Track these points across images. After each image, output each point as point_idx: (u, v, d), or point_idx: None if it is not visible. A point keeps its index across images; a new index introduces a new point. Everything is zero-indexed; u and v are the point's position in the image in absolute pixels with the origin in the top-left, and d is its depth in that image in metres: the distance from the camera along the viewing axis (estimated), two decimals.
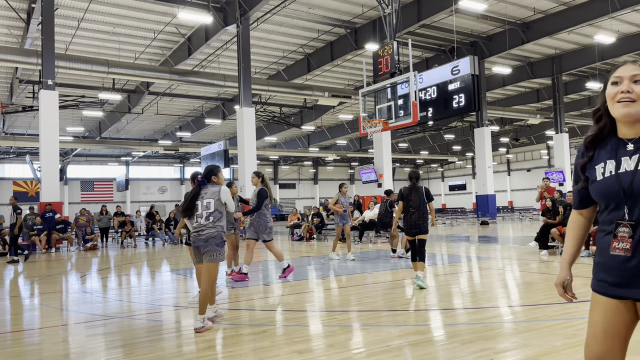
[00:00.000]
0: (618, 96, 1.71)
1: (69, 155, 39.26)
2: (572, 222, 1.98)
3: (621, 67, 1.77)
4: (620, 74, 1.73)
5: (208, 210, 4.95)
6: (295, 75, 24.33)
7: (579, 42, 23.05)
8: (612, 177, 1.71)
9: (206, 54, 21.89)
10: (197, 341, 4.46)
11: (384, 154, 21.86)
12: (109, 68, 18.77)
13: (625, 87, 1.69)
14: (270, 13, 18.14)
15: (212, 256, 4.89)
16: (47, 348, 4.39)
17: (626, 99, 1.69)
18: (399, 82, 11.95)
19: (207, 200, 4.97)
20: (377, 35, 19.21)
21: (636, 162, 1.68)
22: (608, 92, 1.75)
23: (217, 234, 4.90)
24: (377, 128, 12.44)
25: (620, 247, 1.70)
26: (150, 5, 17.56)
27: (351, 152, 44.81)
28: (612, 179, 1.71)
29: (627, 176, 1.68)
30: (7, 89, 25.78)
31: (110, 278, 9.23)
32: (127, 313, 5.88)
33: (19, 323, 5.57)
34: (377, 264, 9.78)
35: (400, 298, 6.30)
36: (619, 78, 1.72)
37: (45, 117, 15.82)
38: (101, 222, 18.49)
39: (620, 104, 1.70)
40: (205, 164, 24.47)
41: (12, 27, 18.81)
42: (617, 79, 1.73)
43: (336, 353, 3.87)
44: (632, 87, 1.69)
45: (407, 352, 3.87)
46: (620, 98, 1.70)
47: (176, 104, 30.53)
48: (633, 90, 1.68)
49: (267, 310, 5.72)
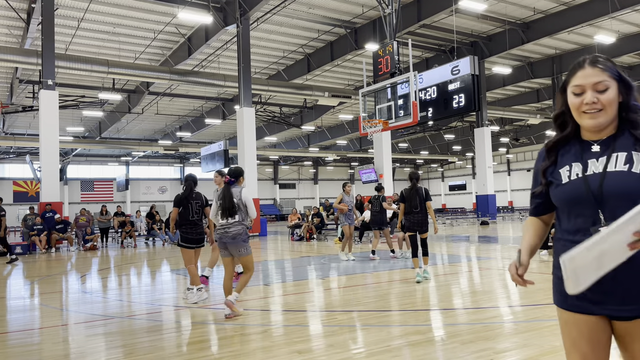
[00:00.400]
0: (583, 107, 1.58)
1: (69, 155, 39.26)
2: (530, 224, 1.80)
3: (580, 72, 1.60)
4: (582, 82, 1.58)
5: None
6: (295, 75, 24.33)
7: (579, 42, 23.05)
8: (579, 179, 1.59)
9: (206, 54, 21.89)
10: (197, 341, 4.46)
11: (384, 154, 21.86)
12: (109, 68, 18.77)
13: (589, 98, 1.56)
14: (270, 13, 18.14)
15: (241, 251, 5.31)
16: (47, 348, 4.39)
17: (593, 110, 1.57)
18: (399, 82, 11.95)
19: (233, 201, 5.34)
20: (377, 35, 19.21)
21: (604, 164, 1.57)
22: (572, 103, 1.62)
23: (242, 231, 5.31)
24: (377, 128, 12.44)
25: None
26: (150, 5, 17.56)
27: (351, 152, 44.81)
28: (579, 182, 1.59)
29: (596, 179, 1.56)
30: (7, 89, 25.78)
31: (110, 278, 9.22)
32: (127, 313, 5.87)
33: (19, 323, 5.57)
34: (377, 264, 9.78)
35: (400, 298, 6.30)
36: (581, 88, 1.58)
37: (45, 117, 15.82)
38: (102, 223, 18.50)
39: (588, 115, 1.58)
40: (205, 164, 24.48)
41: (12, 27, 18.81)
42: (578, 89, 1.59)
43: (336, 353, 3.87)
44: (597, 96, 1.56)
45: (407, 352, 3.87)
46: (586, 110, 1.58)
47: (176, 104, 30.53)
48: (599, 100, 1.56)
49: (267, 310, 5.71)
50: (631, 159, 1.54)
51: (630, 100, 1.60)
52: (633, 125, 1.59)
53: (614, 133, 1.61)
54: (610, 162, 1.57)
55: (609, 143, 1.61)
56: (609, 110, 1.57)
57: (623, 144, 1.58)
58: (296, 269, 9.72)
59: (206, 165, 24.36)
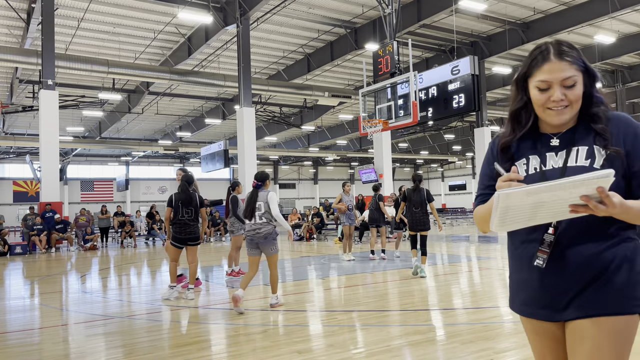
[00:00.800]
0: (550, 104, 1.45)
1: (69, 155, 39.24)
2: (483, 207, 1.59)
3: (546, 65, 1.45)
4: (548, 77, 1.44)
5: (260, 212, 5.77)
6: (295, 75, 24.32)
7: (579, 42, 23.05)
8: (537, 174, 1.49)
9: (206, 53, 21.88)
10: (197, 341, 4.46)
11: (384, 154, 21.85)
12: (109, 68, 18.76)
13: (558, 96, 1.43)
14: (270, 13, 18.14)
15: (272, 249, 5.78)
16: (47, 348, 4.39)
17: (559, 107, 1.45)
18: (399, 82, 11.95)
19: (259, 203, 5.79)
20: (377, 35, 19.20)
21: (564, 159, 1.48)
22: (536, 99, 1.47)
23: (272, 230, 5.79)
24: (377, 128, 12.44)
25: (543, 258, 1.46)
26: (150, 5, 17.56)
27: (351, 152, 44.78)
28: (537, 177, 1.48)
29: (555, 174, 1.46)
30: (7, 89, 25.77)
31: (110, 278, 9.22)
32: (127, 313, 5.87)
33: (19, 323, 5.57)
34: (377, 264, 9.78)
35: (400, 298, 6.30)
36: (547, 84, 1.44)
37: (45, 117, 15.82)
38: (102, 222, 18.51)
39: (554, 112, 1.46)
40: (205, 164, 24.47)
41: (12, 27, 18.80)
42: (544, 84, 1.45)
43: (336, 353, 3.87)
44: (565, 92, 1.43)
45: (407, 352, 3.87)
46: (552, 106, 1.45)
47: (176, 103, 30.51)
48: (566, 97, 1.44)
49: (267, 310, 5.71)
50: (592, 153, 1.45)
51: (593, 92, 1.49)
52: (594, 118, 1.49)
53: (574, 126, 1.51)
54: (570, 157, 1.47)
55: (569, 136, 1.51)
56: (575, 106, 1.47)
57: (583, 138, 1.48)
58: (296, 269, 9.72)
59: (206, 165, 24.34)
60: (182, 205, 6.49)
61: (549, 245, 1.45)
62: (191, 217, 6.50)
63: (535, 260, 1.48)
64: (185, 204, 6.50)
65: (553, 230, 1.45)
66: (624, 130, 1.47)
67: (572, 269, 1.43)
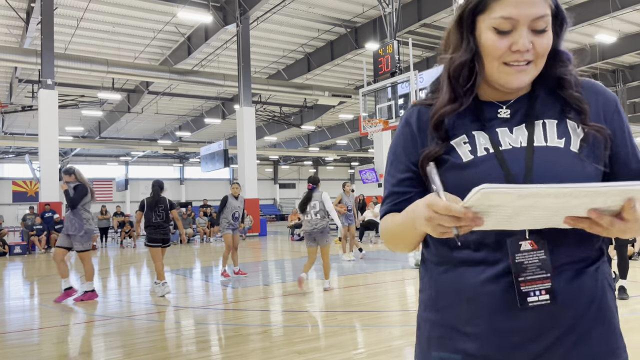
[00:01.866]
0: (509, 56, 0.97)
1: (68, 155, 39.22)
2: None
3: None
4: (513, 13, 0.95)
5: (315, 210, 6.72)
6: (295, 75, 24.29)
7: (580, 42, 23.03)
8: (490, 156, 0.99)
9: (206, 53, 21.86)
10: (197, 341, 4.43)
11: (384, 154, 21.83)
12: (108, 67, 18.74)
13: (524, 43, 0.95)
14: (270, 12, 18.11)
15: (326, 241, 6.73)
16: (47, 348, 4.37)
17: (522, 61, 0.97)
18: (399, 82, 11.92)
19: (314, 202, 6.74)
20: (378, 35, 19.18)
21: (527, 136, 1.00)
22: (493, 46, 0.97)
23: (326, 225, 6.75)
24: (378, 127, 12.42)
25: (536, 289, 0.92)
26: (150, 5, 17.53)
27: (351, 151, 44.77)
28: (491, 162, 0.98)
29: (518, 157, 0.97)
30: (7, 89, 25.74)
31: (110, 278, 9.20)
32: (126, 313, 5.85)
33: (18, 323, 5.54)
34: (377, 264, 9.76)
35: (400, 298, 6.28)
36: (511, 23, 0.95)
37: (45, 116, 15.79)
38: (101, 222, 18.48)
39: (513, 69, 0.97)
40: (205, 163, 24.45)
41: (11, 27, 18.77)
42: (507, 23, 0.96)
43: (336, 353, 3.84)
44: (532, 40, 0.96)
45: (407, 353, 3.85)
46: (512, 60, 0.97)
47: (176, 103, 30.49)
48: (533, 46, 0.96)
49: (266, 310, 5.69)
50: (566, 130, 1.00)
51: (558, 45, 1.05)
52: (561, 82, 1.04)
53: (529, 92, 1.05)
54: (536, 134, 1.00)
55: (524, 106, 1.04)
56: (540, 63, 1.00)
57: (548, 109, 1.03)
58: (296, 269, 9.70)
59: (206, 165, 24.32)
60: (159, 209, 7.07)
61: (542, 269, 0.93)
62: (163, 219, 7.08)
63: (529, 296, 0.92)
64: (156, 207, 7.08)
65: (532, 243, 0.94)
66: (603, 103, 1.04)
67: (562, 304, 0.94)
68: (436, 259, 1.05)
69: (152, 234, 7.01)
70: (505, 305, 0.94)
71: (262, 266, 10.04)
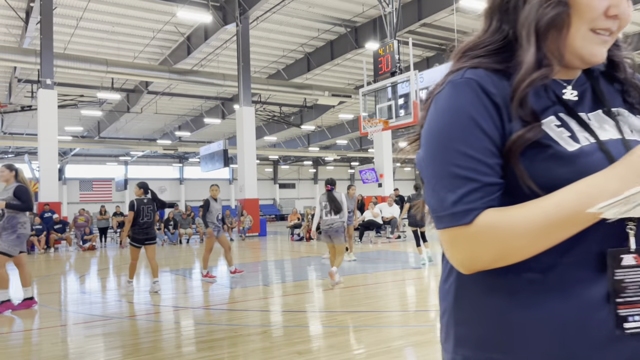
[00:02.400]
0: (603, 23, 0.80)
1: (67, 155, 39.19)
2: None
3: None
4: None
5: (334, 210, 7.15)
6: (295, 75, 24.28)
7: None
8: (594, 148, 0.78)
9: (205, 53, 21.84)
10: (197, 342, 4.42)
11: (384, 154, 21.81)
12: (107, 67, 18.72)
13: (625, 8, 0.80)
14: (269, 12, 18.10)
15: (341, 239, 7.13)
16: (46, 348, 4.35)
17: (607, 32, 0.81)
18: (399, 82, 11.91)
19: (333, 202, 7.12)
20: (378, 34, 19.16)
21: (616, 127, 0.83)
22: (592, 4, 0.79)
23: (342, 224, 7.15)
24: (378, 127, 12.40)
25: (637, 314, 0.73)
26: (150, 4, 17.51)
27: (351, 151, 44.76)
28: (598, 155, 0.77)
29: (619, 149, 0.79)
30: (6, 89, 25.72)
31: (109, 278, 9.18)
32: (126, 313, 5.84)
33: (18, 323, 5.52)
34: (377, 264, 9.75)
35: (400, 298, 6.26)
36: None
37: (44, 116, 15.77)
38: (101, 222, 18.47)
39: (600, 38, 0.81)
40: (204, 163, 24.43)
41: (10, 26, 18.75)
42: None
43: (336, 354, 3.83)
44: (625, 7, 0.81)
45: (408, 353, 3.83)
46: (604, 28, 0.81)
47: (175, 103, 30.47)
48: (623, 14, 0.80)
49: (266, 310, 5.68)
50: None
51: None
52: (615, 65, 0.91)
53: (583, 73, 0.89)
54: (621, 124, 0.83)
55: (587, 88, 0.87)
56: (615, 38, 0.85)
57: (612, 95, 0.89)
58: (296, 269, 9.68)
59: (205, 165, 24.30)
60: (147, 209, 7.26)
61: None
62: (151, 220, 7.30)
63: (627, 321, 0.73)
64: (150, 208, 7.29)
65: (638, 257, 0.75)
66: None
67: None
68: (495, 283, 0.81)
69: (136, 233, 7.25)
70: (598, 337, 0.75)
71: (262, 266, 10.03)
